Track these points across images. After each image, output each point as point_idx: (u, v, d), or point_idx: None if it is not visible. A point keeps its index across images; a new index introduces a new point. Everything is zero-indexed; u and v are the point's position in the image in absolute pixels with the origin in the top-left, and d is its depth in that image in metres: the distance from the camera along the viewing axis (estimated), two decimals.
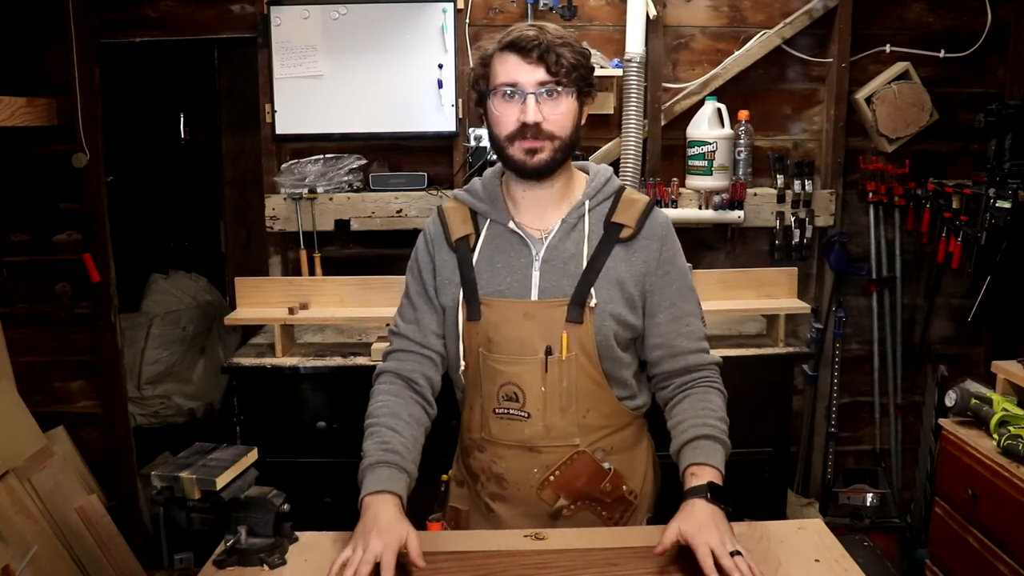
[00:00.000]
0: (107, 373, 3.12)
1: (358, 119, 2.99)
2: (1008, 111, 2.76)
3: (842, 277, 3.19)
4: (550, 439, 1.54)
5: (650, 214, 1.56)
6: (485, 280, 1.54)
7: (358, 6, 2.92)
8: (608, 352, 1.53)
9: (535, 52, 1.42)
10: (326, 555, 1.51)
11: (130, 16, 2.98)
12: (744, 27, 3.05)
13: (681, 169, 3.06)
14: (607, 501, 1.59)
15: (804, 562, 1.47)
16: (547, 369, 1.50)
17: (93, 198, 3.00)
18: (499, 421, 1.55)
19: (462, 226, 1.59)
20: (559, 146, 1.47)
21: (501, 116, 1.47)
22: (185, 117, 4.71)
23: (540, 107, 1.44)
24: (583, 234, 1.53)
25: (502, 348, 1.52)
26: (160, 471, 1.49)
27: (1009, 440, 2.01)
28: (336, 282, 2.67)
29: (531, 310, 1.51)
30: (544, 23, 1.50)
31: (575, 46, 1.47)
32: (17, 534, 2.39)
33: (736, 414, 2.54)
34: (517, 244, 1.55)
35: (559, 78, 1.43)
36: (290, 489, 1.57)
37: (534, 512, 1.59)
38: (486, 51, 1.50)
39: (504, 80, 1.45)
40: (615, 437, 1.59)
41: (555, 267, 1.52)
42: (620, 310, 1.52)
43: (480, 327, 1.53)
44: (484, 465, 1.60)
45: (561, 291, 1.51)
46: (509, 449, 1.56)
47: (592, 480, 1.57)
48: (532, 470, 1.55)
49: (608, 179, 1.59)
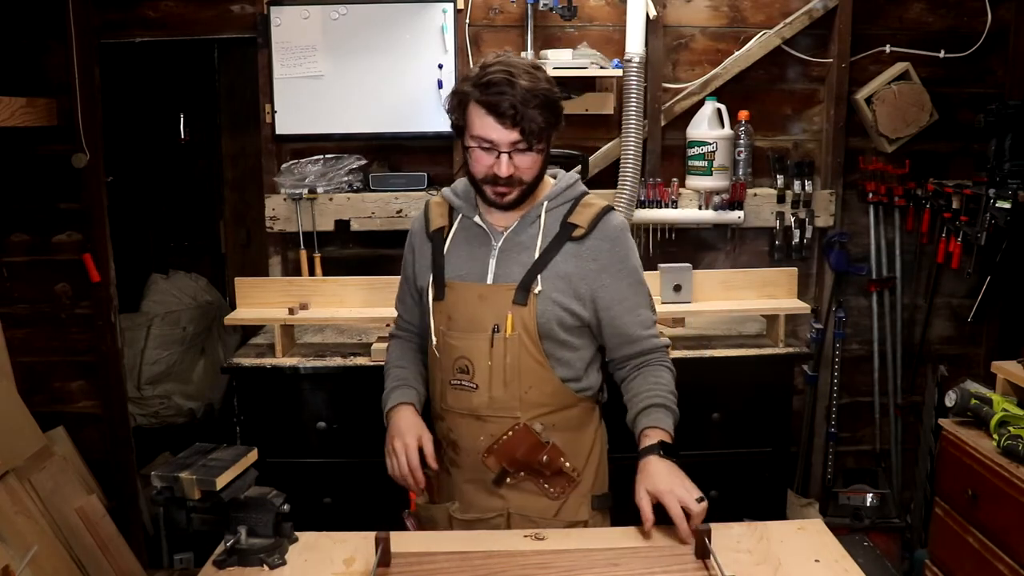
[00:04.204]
0: (107, 373, 3.12)
1: (358, 119, 2.99)
2: (1008, 111, 2.76)
3: (842, 277, 3.19)
4: (494, 410, 1.70)
5: (603, 217, 1.72)
6: (452, 266, 1.74)
7: (358, 6, 2.92)
8: (549, 334, 1.68)
9: (511, 118, 1.57)
10: (326, 555, 1.52)
11: (130, 16, 2.98)
12: (744, 27, 3.05)
13: (681, 169, 3.06)
14: (546, 473, 1.72)
15: (804, 562, 1.47)
16: (493, 345, 1.67)
17: (93, 198, 3.00)
18: (453, 391, 1.73)
19: (440, 219, 1.80)
20: (526, 188, 1.67)
21: (477, 163, 1.64)
22: (185, 117, 4.70)
23: (512, 161, 1.62)
24: (538, 230, 1.70)
25: (459, 325, 1.71)
26: (160, 471, 1.49)
27: (1009, 440, 2.02)
28: (336, 282, 2.67)
29: (485, 292, 1.69)
30: (516, 68, 1.58)
31: (546, 99, 1.59)
32: (17, 534, 2.39)
33: (736, 414, 2.57)
34: (481, 236, 1.74)
35: (530, 140, 1.60)
36: (290, 489, 1.57)
37: (481, 477, 1.74)
38: (463, 92, 1.62)
39: (480, 134, 1.61)
40: (557, 416, 1.72)
41: (510, 256, 1.70)
42: (563, 299, 1.68)
43: (443, 306, 1.73)
44: (443, 432, 1.78)
45: (511, 277, 1.69)
46: (461, 418, 1.73)
47: (530, 451, 1.70)
48: (479, 438, 1.71)
49: (570, 185, 1.76)
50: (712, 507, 2.57)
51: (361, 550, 1.52)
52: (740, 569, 1.44)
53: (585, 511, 1.75)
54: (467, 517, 1.73)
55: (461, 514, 1.74)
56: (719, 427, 2.55)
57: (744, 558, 1.49)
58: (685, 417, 2.54)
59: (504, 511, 1.72)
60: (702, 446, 2.57)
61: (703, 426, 2.55)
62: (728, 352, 2.57)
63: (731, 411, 2.56)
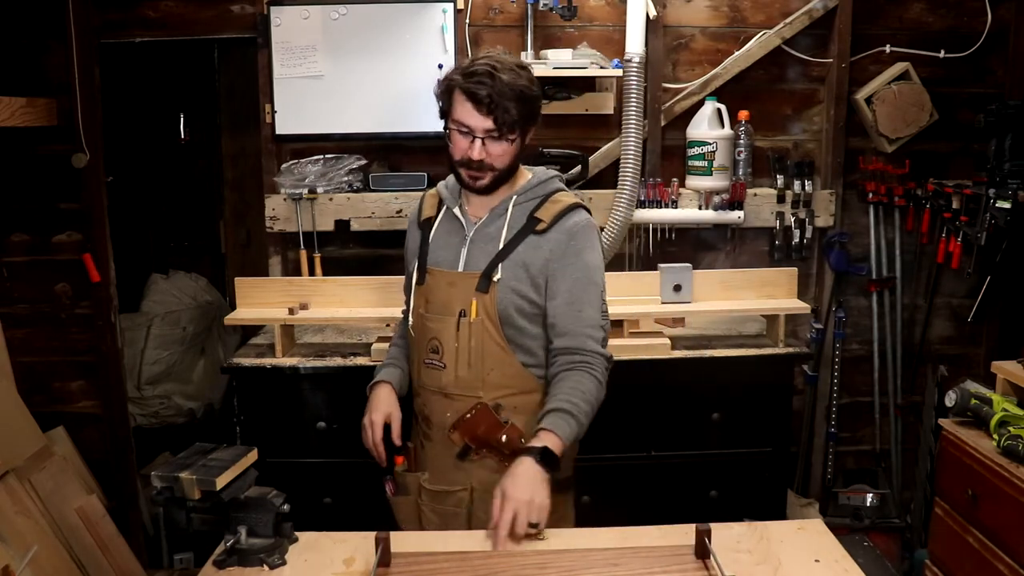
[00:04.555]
0: (107, 373, 3.12)
1: (358, 119, 2.99)
2: (1008, 111, 2.76)
3: (842, 277, 3.19)
4: (459, 388, 1.80)
5: (567, 214, 1.81)
6: (433, 253, 1.87)
7: (358, 6, 2.92)
8: (509, 320, 1.78)
9: (487, 106, 1.69)
10: (326, 555, 1.52)
11: (130, 16, 2.98)
12: (744, 27, 3.05)
13: (681, 169, 3.06)
14: (506, 452, 1.78)
15: (804, 562, 1.47)
16: (459, 328, 1.79)
17: (93, 198, 3.00)
18: (426, 370, 1.85)
19: (430, 209, 1.94)
20: (497, 175, 1.78)
21: (455, 146, 1.77)
22: (185, 117, 4.70)
23: (485, 147, 1.73)
24: (505, 221, 1.81)
25: (433, 308, 1.83)
26: (160, 471, 1.49)
27: (1009, 440, 2.02)
28: (336, 282, 2.67)
29: (455, 279, 1.81)
30: (500, 63, 1.71)
31: (523, 94, 1.71)
32: (17, 534, 2.39)
33: (736, 414, 2.57)
34: (457, 226, 1.87)
35: (502, 129, 1.72)
36: (290, 489, 1.57)
37: (448, 452, 1.84)
38: (450, 79, 1.75)
39: (459, 119, 1.73)
40: (519, 399, 1.81)
41: (478, 246, 1.82)
42: (522, 287, 1.78)
43: (423, 290, 1.86)
44: (419, 408, 1.90)
45: (477, 265, 1.80)
46: (432, 395, 1.84)
47: (490, 430, 1.79)
48: (446, 413, 1.82)
49: (542, 182, 1.86)
50: (712, 507, 2.58)
51: (361, 550, 1.52)
52: (740, 569, 1.44)
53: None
54: (435, 488, 1.85)
55: (431, 484, 1.85)
56: (719, 427, 2.55)
57: (744, 558, 1.49)
58: (685, 417, 2.58)
59: (468, 485, 1.81)
60: (702, 446, 2.58)
61: (703, 426, 2.56)
62: (728, 352, 2.57)
63: (731, 411, 2.56)
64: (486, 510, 1.70)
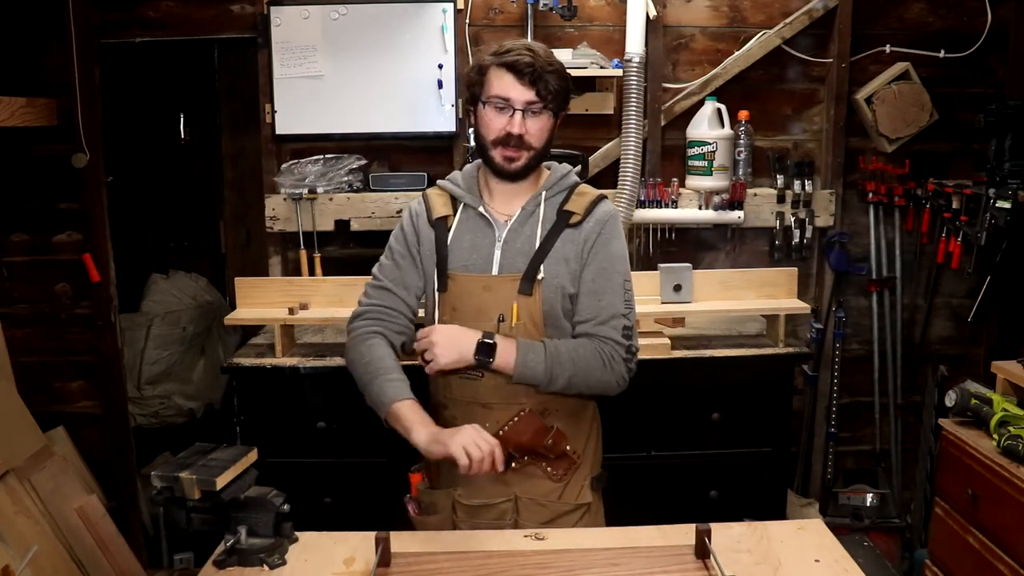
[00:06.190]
0: (107, 373, 3.12)
1: (358, 119, 2.99)
2: (1008, 111, 2.76)
3: (842, 277, 3.19)
4: (499, 397, 1.72)
5: (597, 204, 1.77)
6: (455, 256, 1.76)
7: (358, 6, 2.92)
8: (553, 321, 1.72)
9: (528, 76, 1.65)
10: (326, 555, 1.52)
11: (130, 16, 2.98)
12: (744, 27, 3.05)
13: (681, 169, 3.06)
14: (551, 457, 1.75)
15: (804, 562, 1.48)
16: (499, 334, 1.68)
17: (93, 198, 3.00)
18: (458, 381, 1.74)
19: (443, 208, 1.81)
20: (534, 155, 1.72)
21: (490, 123, 1.70)
22: (185, 117, 4.70)
23: (524, 122, 1.68)
24: (538, 219, 1.75)
25: (464, 316, 1.72)
26: (160, 471, 1.49)
27: (1009, 440, 2.01)
28: (336, 282, 2.67)
29: (490, 283, 1.72)
30: (535, 45, 1.71)
31: (560, 71, 1.70)
32: (17, 534, 2.39)
33: (736, 414, 2.57)
34: (484, 226, 1.77)
35: (545, 101, 1.68)
36: (290, 489, 1.57)
37: None
38: (483, 62, 1.72)
39: (498, 93, 1.68)
40: (559, 400, 1.74)
41: (513, 247, 1.74)
42: (565, 283, 1.72)
43: (447, 298, 1.75)
44: (448, 421, 1.76)
45: (516, 267, 1.72)
46: (467, 406, 1.74)
47: (536, 436, 1.73)
48: (484, 425, 1.68)
49: (564, 175, 1.81)
50: (712, 507, 2.58)
51: (361, 550, 1.52)
52: (740, 569, 1.44)
53: (587, 492, 1.79)
54: (473, 503, 1.74)
55: (467, 500, 1.74)
56: (719, 427, 2.56)
57: (744, 558, 1.49)
58: (685, 417, 2.58)
59: (511, 495, 1.74)
60: (702, 446, 2.58)
61: (703, 426, 2.56)
62: (728, 352, 2.57)
63: (731, 411, 2.56)
64: (533, 519, 1.70)
